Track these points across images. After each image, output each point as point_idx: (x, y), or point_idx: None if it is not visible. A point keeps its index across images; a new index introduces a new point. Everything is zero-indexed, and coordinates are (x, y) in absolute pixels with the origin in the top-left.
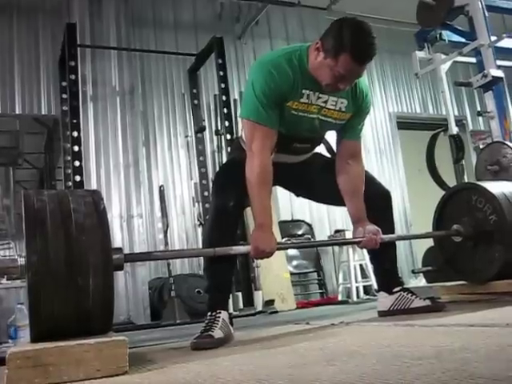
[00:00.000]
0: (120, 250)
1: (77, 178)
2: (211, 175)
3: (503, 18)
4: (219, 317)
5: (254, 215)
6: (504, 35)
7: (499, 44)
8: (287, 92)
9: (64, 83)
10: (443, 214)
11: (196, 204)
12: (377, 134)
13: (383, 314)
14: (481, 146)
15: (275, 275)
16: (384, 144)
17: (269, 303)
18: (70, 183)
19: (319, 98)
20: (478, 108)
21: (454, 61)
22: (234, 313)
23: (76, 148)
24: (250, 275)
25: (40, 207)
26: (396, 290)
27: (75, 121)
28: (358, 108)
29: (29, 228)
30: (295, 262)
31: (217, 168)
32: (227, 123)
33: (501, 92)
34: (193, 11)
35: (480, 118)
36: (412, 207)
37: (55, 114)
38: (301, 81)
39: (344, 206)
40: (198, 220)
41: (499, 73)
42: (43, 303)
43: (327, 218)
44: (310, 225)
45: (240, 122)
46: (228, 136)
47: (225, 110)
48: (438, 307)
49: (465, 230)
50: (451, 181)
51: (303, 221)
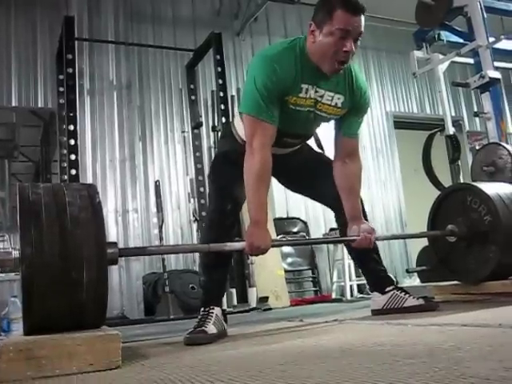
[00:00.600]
0: (115, 245)
1: (72, 172)
2: (207, 171)
3: (501, 20)
4: (212, 312)
5: (250, 211)
6: (502, 37)
7: (497, 45)
8: (289, 86)
9: (61, 76)
10: (438, 214)
11: (191, 200)
12: (373, 133)
13: (377, 313)
14: (477, 147)
15: (269, 272)
16: (380, 143)
17: (263, 300)
18: (66, 177)
19: (316, 93)
20: (475, 109)
21: (452, 61)
22: (228, 309)
23: (72, 142)
24: (245, 272)
25: (35, 200)
26: (389, 289)
27: (72, 114)
28: (356, 104)
29: (23, 221)
30: (290, 260)
31: None
32: (224, 119)
33: (498, 93)
34: (191, 7)
35: (477, 119)
36: (407, 207)
37: (52, 107)
38: (301, 74)
39: (320, 204)
40: (194, 216)
41: (497, 74)
42: (37, 296)
43: (322, 216)
44: (306, 222)
45: (237, 115)
46: None
47: (222, 106)
48: (432, 306)
49: (459, 230)
50: (447, 181)
51: (298, 218)
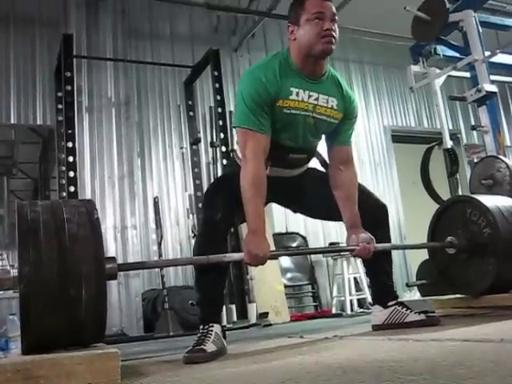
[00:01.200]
0: (113, 260)
1: (71, 189)
2: (206, 187)
3: (497, 34)
4: (212, 330)
5: (248, 220)
6: (498, 51)
7: (493, 59)
8: (276, 91)
9: (60, 93)
10: (438, 226)
11: (190, 216)
12: (372, 147)
13: (377, 328)
14: (475, 160)
15: (269, 288)
16: (379, 157)
17: (263, 316)
18: (65, 193)
19: (310, 97)
20: (473, 122)
21: (449, 75)
22: (228, 325)
23: (71, 158)
24: (244, 287)
25: (33, 218)
26: (391, 304)
27: (70, 131)
28: (347, 110)
29: (22, 239)
30: (289, 275)
31: (211, 180)
32: (222, 135)
33: (494, 106)
34: (189, 23)
35: (474, 132)
36: (406, 220)
37: (50, 124)
38: (289, 79)
39: (341, 221)
40: (193, 232)
41: (493, 88)
42: (35, 315)
43: (322, 231)
44: (305, 237)
45: (235, 135)
46: (223, 148)
47: (220, 122)
48: (433, 322)
49: (459, 242)
50: (445, 194)
51: (298, 233)
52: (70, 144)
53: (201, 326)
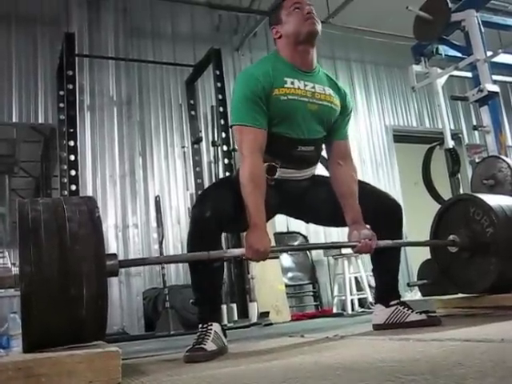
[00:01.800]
0: (114, 256)
1: (73, 188)
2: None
3: (499, 34)
4: (211, 329)
5: (248, 216)
6: (500, 51)
7: (495, 59)
8: (269, 84)
9: (61, 92)
10: (441, 224)
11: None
12: (373, 147)
13: (378, 328)
14: (476, 160)
15: (270, 287)
16: (380, 157)
17: (264, 315)
18: (66, 192)
19: (306, 85)
20: (474, 122)
21: (451, 75)
22: (229, 324)
23: (72, 157)
24: (245, 287)
25: (34, 217)
26: (393, 304)
27: (72, 130)
28: (343, 103)
29: (23, 238)
30: (290, 274)
31: (213, 179)
32: (224, 134)
33: (496, 106)
34: (191, 22)
35: (476, 132)
36: (407, 220)
37: (52, 123)
38: (280, 71)
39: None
40: None
41: (495, 87)
42: (36, 313)
43: (323, 231)
44: (306, 237)
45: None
46: (225, 147)
47: (222, 121)
48: (434, 322)
49: (461, 241)
50: (447, 194)
51: (299, 233)
52: (72, 143)
53: (200, 325)
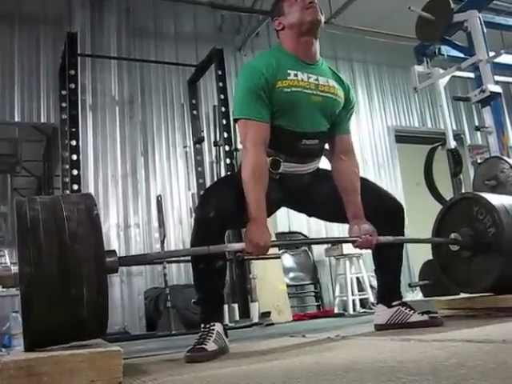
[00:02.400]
0: (114, 253)
1: (74, 187)
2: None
3: (501, 34)
4: (213, 329)
5: (248, 210)
6: (502, 51)
7: (497, 60)
8: (273, 76)
9: (64, 92)
10: (444, 222)
11: (193, 214)
12: (375, 147)
13: (380, 328)
14: (479, 161)
15: (271, 287)
16: (382, 157)
17: (265, 315)
18: (68, 191)
19: (309, 78)
20: (476, 122)
21: (453, 75)
22: (230, 324)
23: (74, 157)
24: (247, 286)
25: (33, 216)
26: (395, 304)
27: (74, 129)
28: (346, 96)
29: (21, 238)
30: (292, 274)
31: (215, 179)
32: (226, 134)
33: (499, 107)
34: (193, 22)
35: (478, 133)
36: (409, 221)
37: (54, 123)
38: (284, 63)
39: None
40: None
41: (497, 88)
42: (37, 313)
43: (324, 231)
44: (307, 237)
45: (238, 134)
46: (227, 147)
47: (224, 121)
48: (436, 322)
49: (463, 240)
50: (449, 195)
51: (300, 233)
52: (74, 142)
53: (202, 325)
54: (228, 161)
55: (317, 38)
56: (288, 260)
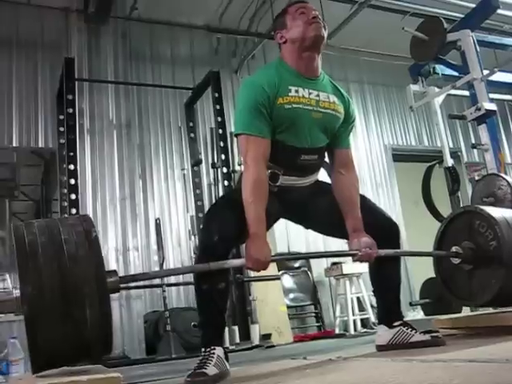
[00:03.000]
0: (115, 273)
1: (73, 211)
2: (207, 208)
3: (495, 53)
4: (214, 353)
5: (248, 225)
6: (496, 69)
7: (492, 78)
8: (274, 92)
9: (61, 116)
10: (445, 235)
11: (192, 237)
12: (372, 166)
13: (381, 349)
14: (476, 178)
15: (272, 308)
16: (380, 176)
17: (266, 337)
18: (67, 215)
19: (310, 94)
20: (473, 140)
21: (448, 94)
22: (231, 347)
23: (72, 181)
24: (247, 308)
25: (31, 241)
26: (396, 324)
27: (72, 154)
28: (346, 111)
29: (21, 263)
30: (292, 295)
31: (213, 201)
32: (223, 156)
33: (494, 125)
34: (190, 45)
35: (475, 150)
36: (408, 240)
37: (52, 147)
38: (286, 80)
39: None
40: (195, 253)
41: (492, 106)
42: (41, 335)
43: (324, 250)
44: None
45: (236, 156)
46: (224, 169)
47: (221, 144)
48: (438, 342)
49: (464, 253)
50: (447, 212)
51: (299, 253)
52: (72, 166)
53: (202, 349)
54: (226, 183)
55: (319, 54)
56: (288, 281)
